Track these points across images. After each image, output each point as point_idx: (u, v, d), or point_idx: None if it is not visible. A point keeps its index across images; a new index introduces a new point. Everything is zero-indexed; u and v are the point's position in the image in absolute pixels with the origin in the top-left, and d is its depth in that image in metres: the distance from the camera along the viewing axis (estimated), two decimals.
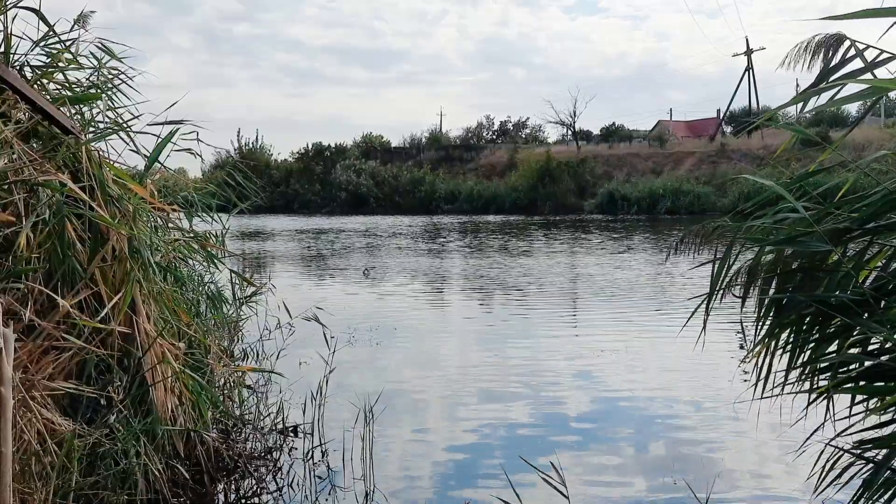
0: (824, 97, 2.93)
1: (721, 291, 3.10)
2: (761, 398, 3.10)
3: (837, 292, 2.86)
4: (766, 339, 3.12)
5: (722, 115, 59.84)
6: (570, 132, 62.81)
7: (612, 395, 6.90)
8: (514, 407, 6.48)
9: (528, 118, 71.81)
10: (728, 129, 58.13)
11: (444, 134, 69.13)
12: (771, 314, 3.11)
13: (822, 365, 3.00)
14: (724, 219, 3.24)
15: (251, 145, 64.55)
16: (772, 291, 3.11)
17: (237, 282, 6.99)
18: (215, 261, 6.03)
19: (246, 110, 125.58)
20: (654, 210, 45.13)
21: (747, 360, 3.25)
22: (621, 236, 28.31)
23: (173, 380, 4.51)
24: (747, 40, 55.72)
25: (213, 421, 4.97)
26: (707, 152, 51.21)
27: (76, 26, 4.99)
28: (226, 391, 5.51)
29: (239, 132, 64.07)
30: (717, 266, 3.09)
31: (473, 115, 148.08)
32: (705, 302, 3.12)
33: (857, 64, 2.98)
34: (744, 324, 3.22)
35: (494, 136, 69.12)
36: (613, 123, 65.73)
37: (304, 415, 5.56)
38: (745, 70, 56.44)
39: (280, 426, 5.51)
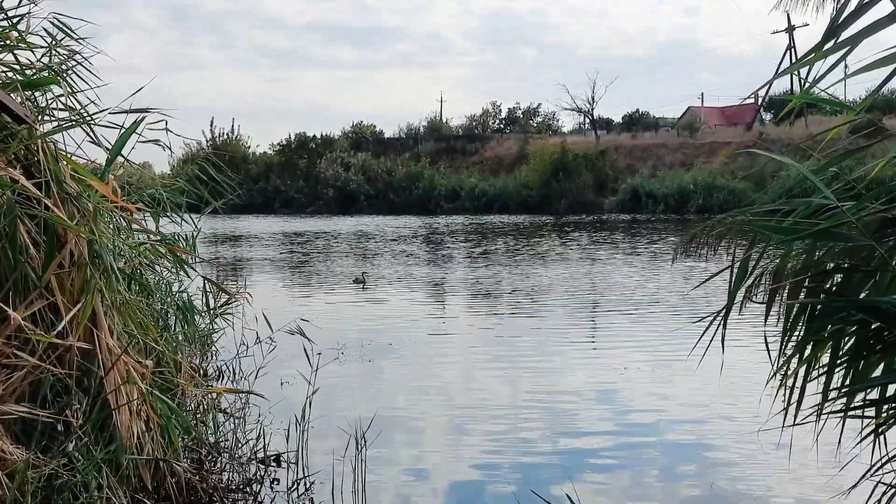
0: (834, 60, 2.50)
1: (742, 301, 2.95)
2: (793, 425, 3.02)
3: (887, 297, 2.63)
4: (797, 355, 2.95)
5: (760, 100, 59.93)
6: (587, 120, 63.03)
7: (635, 418, 6.92)
8: (525, 432, 6.50)
9: (539, 104, 72.04)
10: (767, 117, 58.19)
11: (445, 123, 69.42)
12: (801, 324, 2.94)
13: (868, 385, 2.85)
14: (736, 212, 3.04)
15: (226, 136, 64.81)
16: (802, 296, 2.95)
17: (210, 290, 7.03)
18: (186, 267, 6.06)
19: (219, 97, 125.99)
20: (683, 208, 45.20)
21: (773, 378, 3.15)
22: (646, 239, 28.33)
23: (139, 402, 4.54)
24: (788, 16, 55.82)
25: (184, 449, 4.99)
26: (743, 142, 51.29)
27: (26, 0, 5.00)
28: (199, 415, 5.54)
29: (212, 121, 64.45)
30: (736, 270, 2.90)
31: (478, 101, 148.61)
32: (723, 316, 2.97)
33: (886, 9, 2.47)
34: (768, 337, 3.13)
35: (502, 126, 69.32)
36: (637, 110, 66.13)
37: (288, 442, 5.58)
38: (787, 49, 56.61)
39: (260, 455, 5.54)
